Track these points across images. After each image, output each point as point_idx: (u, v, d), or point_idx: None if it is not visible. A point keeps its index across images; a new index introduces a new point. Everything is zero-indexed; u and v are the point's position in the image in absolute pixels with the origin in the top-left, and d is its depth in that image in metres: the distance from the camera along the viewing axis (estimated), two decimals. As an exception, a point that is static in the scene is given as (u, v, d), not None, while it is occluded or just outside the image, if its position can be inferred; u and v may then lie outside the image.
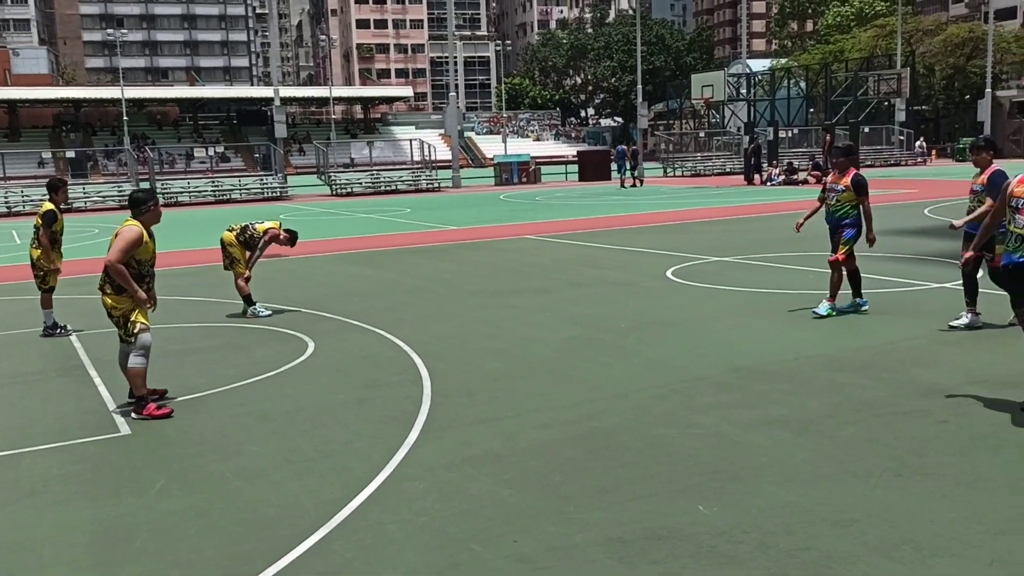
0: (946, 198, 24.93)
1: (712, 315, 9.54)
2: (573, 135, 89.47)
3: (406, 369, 7.65)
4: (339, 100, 78.84)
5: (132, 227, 6.51)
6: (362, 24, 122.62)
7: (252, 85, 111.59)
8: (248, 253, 10.41)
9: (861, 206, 9.12)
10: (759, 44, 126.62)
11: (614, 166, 41.44)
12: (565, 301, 10.74)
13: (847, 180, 9.14)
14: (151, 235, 6.64)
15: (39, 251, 9.69)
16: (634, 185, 38.40)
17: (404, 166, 47.20)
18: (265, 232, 10.49)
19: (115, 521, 4.65)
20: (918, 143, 55.78)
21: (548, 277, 12.75)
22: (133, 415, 6.43)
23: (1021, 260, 5.44)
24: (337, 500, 4.77)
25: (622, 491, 4.81)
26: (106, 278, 6.49)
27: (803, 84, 62.13)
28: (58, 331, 9.62)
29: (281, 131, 40.03)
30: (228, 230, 10.53)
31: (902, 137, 54.48)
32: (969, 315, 8.41)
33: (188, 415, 6.53)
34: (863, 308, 9.33)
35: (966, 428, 5.60)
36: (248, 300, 10.32)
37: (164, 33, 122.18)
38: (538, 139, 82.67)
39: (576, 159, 50.02)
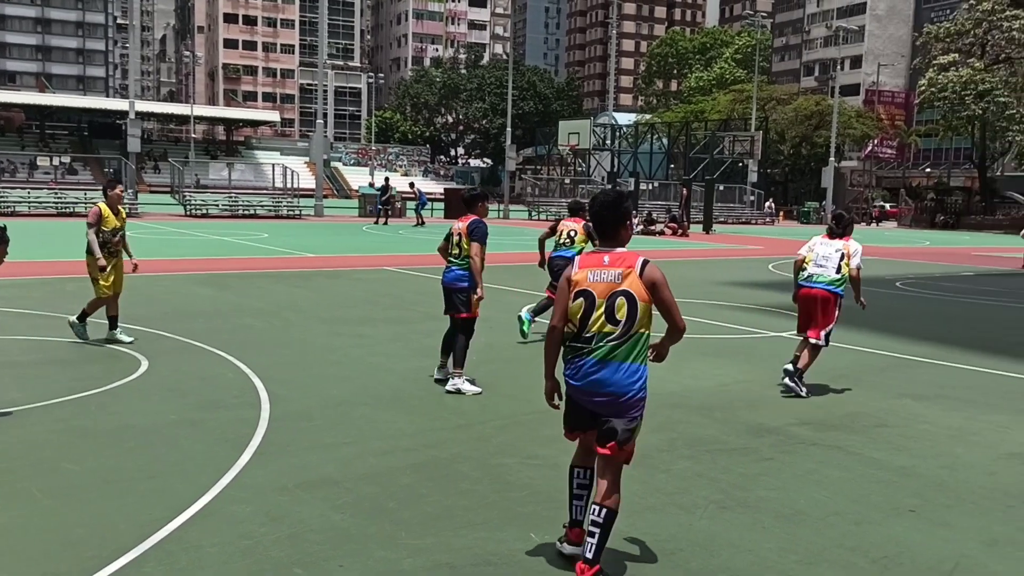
0: (790, 255, 26.35)
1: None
2: (442, 173, 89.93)
3: (245, 392, 7.38)
4: (200, 119, 76.57)
5: None
6: (230, 44, 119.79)
7: (108, 96, 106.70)
8: None
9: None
10: (626, 99, 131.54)
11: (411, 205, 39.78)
12: (418, 332, 10.66)
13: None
14: None
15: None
16: (385, 223, 37.30)
17: (265, 191, 46.12)
18: None
19: (-101, 539, 4.24)
20: (768, 204, 58.96)
21: (404, 308, 12.66)
22: None
23: (595, 378, 4.02)
24: (155, 521, 4.51)
25: (456, 518, 4.77)
26: None
27: (665, 140, 64.83)
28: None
29: (135, 145, 38.43)
30: None
31: (753, 197, 57.47)
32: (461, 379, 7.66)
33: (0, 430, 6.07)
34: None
35: (789, 465, 5.86)
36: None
37: (14, 35, 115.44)
38: (406, 174, 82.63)
39: (443, 196, 50.24)
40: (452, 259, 7.90)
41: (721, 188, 54.64)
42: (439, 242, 8.35)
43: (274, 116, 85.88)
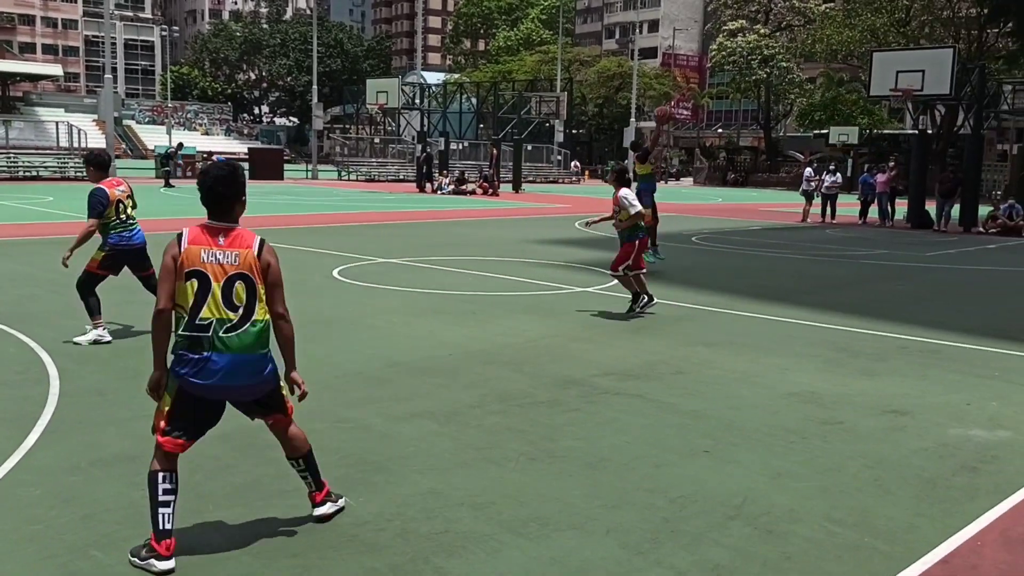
0: (596, 213, 27.25)
1: (375, 313, 9.62)
2: (246, 132, 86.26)
3: (30, 367, 6.87)
4: (-30, 72, 69.32)
5: None
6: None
7: None
8: None
9: None
10: (435, 58, 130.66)
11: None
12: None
13: None
14: None
15: None
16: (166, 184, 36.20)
17: (49, 151, 42.68)
18: None
19: None
20: (573, 163, 60.61)
21: (206, 273, 12.11)
22: None
23: (226, 373, 3.81)
24: (-74, 513, 4.14)
25: (264, 487, 4.66)
26: None
27: (474, 100, 65.10)
28: None
29: None
30: None
31: (560, 157, 58.88)
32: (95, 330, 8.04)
33: None
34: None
35: (593, 415, 6.12)
36: None
37: None
38: (207, 133, 78.62)
39: (247, 156, 48.34)
40: (131, 222, 8.49)
41: (529, 148, 55.62)
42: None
43: (56, 70, 79.34)
